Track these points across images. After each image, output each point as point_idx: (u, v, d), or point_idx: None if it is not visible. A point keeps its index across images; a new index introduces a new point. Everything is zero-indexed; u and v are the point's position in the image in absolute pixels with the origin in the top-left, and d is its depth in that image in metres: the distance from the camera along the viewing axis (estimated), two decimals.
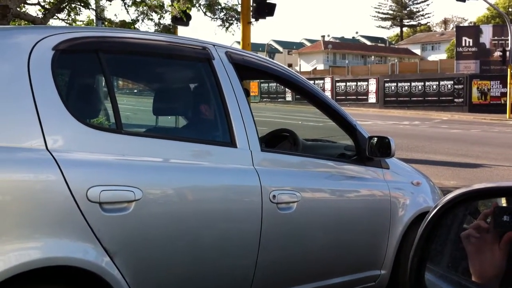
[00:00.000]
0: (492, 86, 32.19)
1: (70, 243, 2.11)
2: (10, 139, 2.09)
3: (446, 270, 1.56)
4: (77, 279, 2.17)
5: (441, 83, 33.90)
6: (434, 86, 34.18)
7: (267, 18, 12.46)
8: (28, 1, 11.27)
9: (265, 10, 12.26)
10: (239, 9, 13.57)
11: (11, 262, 1.93)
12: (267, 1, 12.29)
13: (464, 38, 35.25)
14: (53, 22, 13.12)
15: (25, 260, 1.97)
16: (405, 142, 15.28)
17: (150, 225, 2.37)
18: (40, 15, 12.04)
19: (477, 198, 1.51)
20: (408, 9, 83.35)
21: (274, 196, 2.82)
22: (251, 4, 12.30)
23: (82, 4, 13.87)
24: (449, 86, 33.44)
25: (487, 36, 34.75)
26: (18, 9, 9.55)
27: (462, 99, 32.95)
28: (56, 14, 12.94)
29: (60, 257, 2.09)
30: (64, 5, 13.04)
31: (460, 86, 32.94)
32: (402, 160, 4.23)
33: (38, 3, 12.87)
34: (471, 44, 34.89)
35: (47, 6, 12.85)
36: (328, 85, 39.92)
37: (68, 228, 2.12)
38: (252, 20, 12.41)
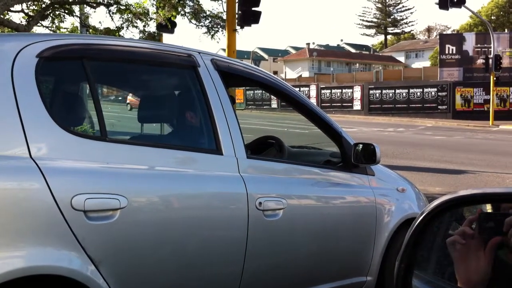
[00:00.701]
0: (475, 93, 32.51)
1: (54, 251, 2.09)
2: None
3: (433, 276, 1.56)
4: None
5: (425, 90, 34.17)
6: (418, 93, 34.44)
7: (252, 25, 12.48)
8: (11, 8, 11.18)
9: (250, 17, 12.28)
10: (224, 17, 13.58)
11: None
12: (252, 9, 12.32)
13: (447, 45, 35.61)
14: (37, 29, 13.03)
15: (9, 269, 1.95)
16: (390, 148, 15.37)
17: (136, 233, 2.35)
18: (24, 22, 11.96)
19: (463, 205, 1.51)
20: (392, 17, 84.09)
21: (260, 203, 2.82)
22: (236, 11, 12.31)
23: (66, 12, 13.79)
24: (433, 93, 33.72)
25: (470, 43, 35.14)
26: (2, 16, 9.48)
27: (446, 106, 33.24)
28: (40, 21, 12.86)
29: (44, 265, 2.06)
30: (48, 12, 12.96)
31: (444, 93, 33.24)
32: (387, 166, 4.25)
33: (22, 11, 12.78)
34: (454, 52, 35.24)
35: (30, 14, 12.77)
36: (313, 92, 40.05)
37: (53, 236, 2.10)
38: (238, 27, 12.41)
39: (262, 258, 2.89)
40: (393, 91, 35.69)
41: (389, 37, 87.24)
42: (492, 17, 58.26)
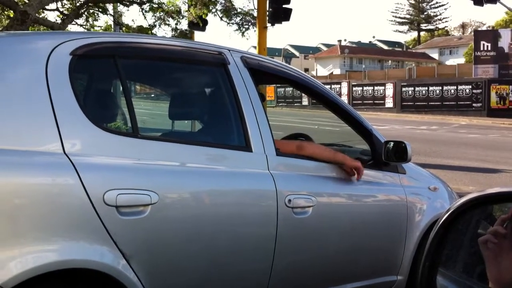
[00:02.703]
0: (511, 91, 31.83)
1: (87, 246, 2.13)
2: (28, 143, 2.11)
3: (459, 275, 1.55)
4: (94, 282, 2.19)
5: (459, 87, 33.60)
6: (452, 91, 33.89)
7: (283, 23, 12.47)
8: (47, 7, 11.41)
9: (281, 15, 12.27)
10: (255, 14, 13.60)
11: (29, 264, 1.96)
12: (283, 6, 12.30)
13: (482, 42, 34.92)
14: (71, 27, 13.28)
15: (43, 263, 2.00)
16: (422, 147, 15.16)
17: (166, 229, 2.38)
18: (59, 21, 12.19)
19: (490, 203, 1.49)
20: (425, 13, 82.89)
21: (289, 200, 2.82)
22: (267, 9, 12.32)
23: (100, 10, 14.03)
24: (467, 90, 33.14)
25: (505, 40, 34.39)
26: (37, 14, 9.68)
27: (481, 104, 32.63)
28: (75, 20, 13.10)
29: (77, 259, 2.10)
30: (82, 10, 13.20)
31: (479, 91, 32.63)
32: (419, 165, 4.20)
33: (57, 9, 13.04)
34: (489, 49, 34.56)
35: (65, 12, 13.02)
36: (344, 90, 39.79)
37: (85, 231, 2.14)
38: (268, 25, 12.43)
39: (291, 255, 2.89)
40: (426, 88, 35.20)
41: (422, 33, 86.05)
42: None
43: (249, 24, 15.20)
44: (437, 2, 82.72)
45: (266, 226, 2.76)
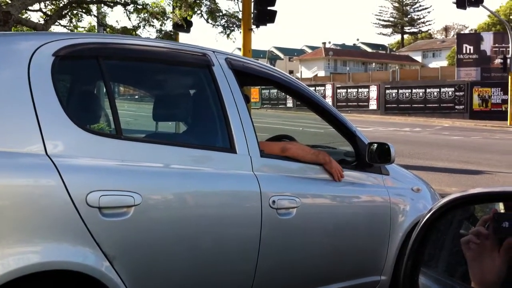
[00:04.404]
0: (493, 93, 32.21)
1: (69, 247, 2.11)
2: (10, 144, 2.09)
3: (442, 275, 1.56)
4: (78, 284, 2.17)
5: (442, 90, 33.93)
6: (435, 93, 34.21)
7: (268, 25, 12.48)
8: (30, 8, 11.31)
9: (266, 17, 12.28)
10: (240, 16, 13.60)
11: (10, 266, 1.94)
12: (268, 8, 12.32)
13: (465, 45, 35.30)
14: (54, 28, 13.18)
15: (24, 264, 1.98)
16: (406, 148, 15.28)
17: (150, 230, 2.37)
18: (42, 21, 12.09)
19: (472, 203, 1.51)
20: (409, 16, 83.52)
21: (273, 201, 2.82)
22: (252, 11, 12.33)
23: (84, 11, 13.94)
24: (450, 93, 33.47)
25: (488, 43, 34.80)
26: (20, 15, 9.58)
27: (463, 106, 32.97)
28: (58, 21, 13.01)
29: (60, 261, 2.09)
30: (65, 11, 13.10)
31: (461, 93, 32.97)
32: (403, 166, 4.23)
33: (40, 10, 12.93)
34: (472, 51, 34.94)
35: (48, 13, 12.91)
36: (329, 92, 39.96)
37: (68, 232, 2.12)
38: (253, 27, 12.43)
39: (275, 256, 2.90)
40: (409, 90, 35.50)
41: (406, 36, 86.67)
42: (511, 17, 57.57)
43: (234, 26, 15.20)
44: (420, 6, 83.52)
45: (251, 227, 2.76)
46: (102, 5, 13.77)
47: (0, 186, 1.99)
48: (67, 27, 14.21)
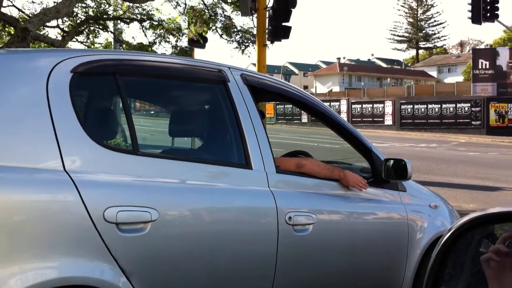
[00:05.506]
0: (509, 109, 31.89)
1: (87, 262, 2.12)
2: (28, 160, 2.11)
3: None
4: None
5: (458, 105, 33.68)
6: (451, 109, 33.97)
7: (282, 40, 12.52)
8: (47, 24, 11.48)
9: (280, 32, 12.33)
10: (254, 32, 13.68)
11: (29, 281, 1.95)
12: (283, 24, 12.37)
13: (480, 60, 35.09)
14: (72, 44, 13.35)
15: (43, 280, 1.98)
16: (422, 164, 15.16)
17: (166, 246, 2.37)
18: (60, 38, 12.26)
19: (492, 222, 1.49)
20: (423, 31, 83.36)
21: (290, 217, 2.81)
22: (267, 27, 12.39)
23: (101, 27, 14.12)
24: (466, 108, 33.21)
25: (503, 58, 34.55)
26: (38, 31, 9.73)
27: (480, 122, 32.67)
28: (75, 37, 13.18)
29: (77, 276, 2.09)
30: (83, 28, 13.28)
31: (478, 109, 32.70)
32: (420, 182, 4.20)
33: (58, 26, 13.12)
34: (487, 67, 34.70)
35: (66, 29, 13.10)
36: (344, 107, 39.88)
37: (85, 248, 2.13)
38: (268, 42, 12.48)
39: (292, 273, 2.88)
40: (425, 106, 35.28)
41: (420, 51, 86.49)
42: None
43: (249, 41, 15.30)
44: (435, 21, 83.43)
45: (267, 244, 2.74)
46: (119, 21, 13.95)
47: (19, 202, 2.01)
48: (84, 43, 14.40)
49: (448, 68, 73.61)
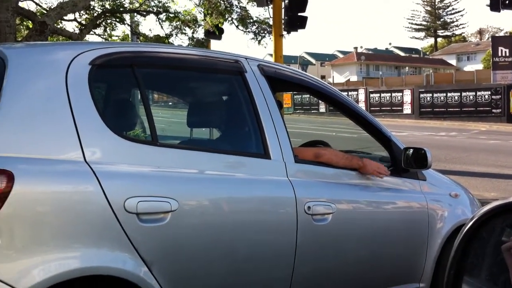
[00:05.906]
0: None
1: (109, 253, 2.14)
2: (49, 152, 2.14)
3: (484, 283, 1.52)
4: None
5: (478, 93, 33.23)
6: (471, 97, 33.54)
7: (299, 30, 12.47)
8: (65, 17, 11.55)
9: (296, 22, 12.27)
10: (271, 22, 13.62)
11: (52, 271, 1.98)
12: (299, 14, 12.31)
13: (500, 48, 34.59)
14: (89, 37, 13.43)
15: (65, 270, 2.01)
16: (442, 153, 15.01)
17: (186, 236, 2.39)
18: (77, 31, 12.33)
19: None
20: (441, 19, 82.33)
21: (309, 207, 2.80)
22: (283, 17, 12.33)
23: (118, 20, 14.17)
24: (486, 96, 32.76)
25: None
26: (56, 25, 9.80)
27: (500, 110, 32.21)
28: (93, 30, 13.24)
29: (99, 266, 2.12)
30: (100, 21, 13.34)
31: (498, 97, 32.23)
32: (440, 171, 4.16)
33: (75, 19, 13.20)
34: (507, 54, 34.21)
35: (83, 22, 13.17)
36: (362, 97, 39.60)
37: (107, 238, 2.15)
38: (284, 32, 12.43)
39: (311, 263, 2.88)
40: (444, 94, 34.88)
41: (439, 39, 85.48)
42: None
43: (265, 32, 15.23)
44: (453, 9, 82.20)
45: (286, 233, 2.74)
46: (135, 14, 13.97)
47: (41, 193, 2.03)
48: (102, 36, 14.46)
49: (467, 56, 72.67)
